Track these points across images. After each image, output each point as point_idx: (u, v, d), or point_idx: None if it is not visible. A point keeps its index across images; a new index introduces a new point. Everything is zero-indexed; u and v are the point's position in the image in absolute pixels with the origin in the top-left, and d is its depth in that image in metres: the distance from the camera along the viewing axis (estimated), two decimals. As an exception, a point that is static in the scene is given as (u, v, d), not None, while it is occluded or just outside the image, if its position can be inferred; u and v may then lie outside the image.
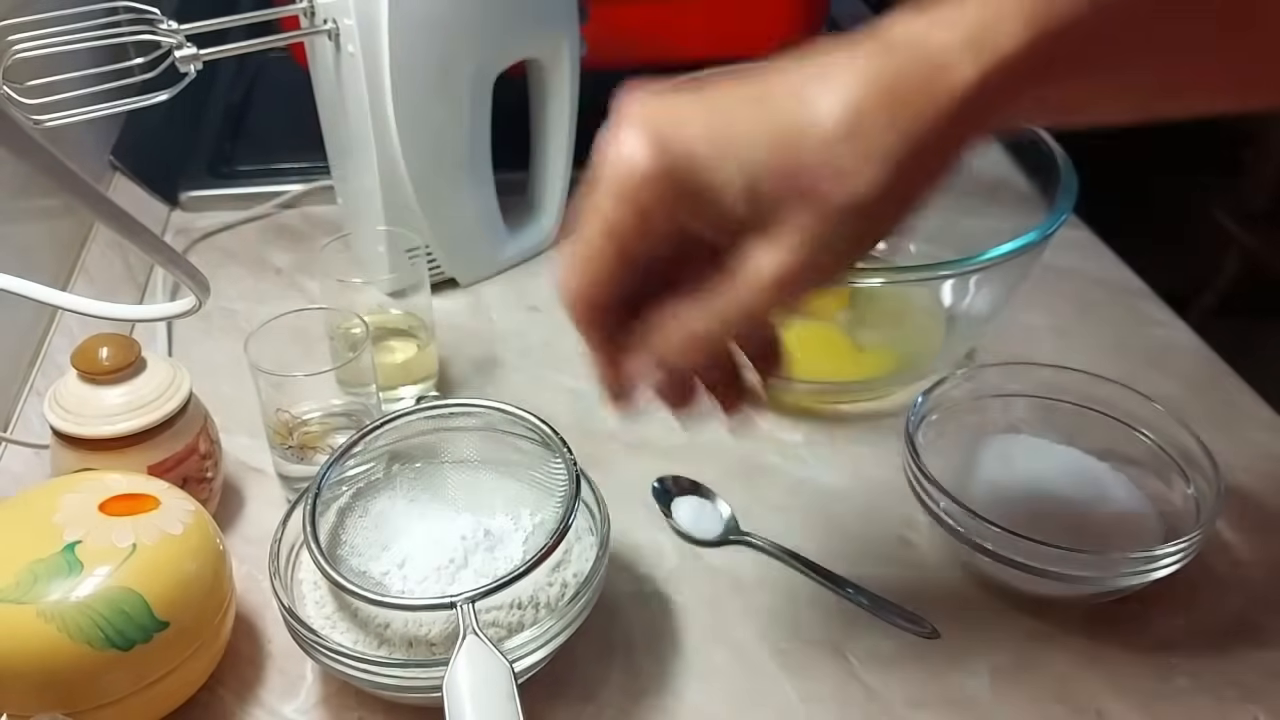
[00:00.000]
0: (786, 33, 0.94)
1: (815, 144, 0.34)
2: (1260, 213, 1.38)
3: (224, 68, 1.07)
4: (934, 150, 0.34)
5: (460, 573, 0.51)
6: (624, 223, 0.37)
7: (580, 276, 0.39)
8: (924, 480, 0.56)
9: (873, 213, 0.34)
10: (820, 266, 0.36)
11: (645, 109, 0.37)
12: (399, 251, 0.70)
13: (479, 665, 0.43)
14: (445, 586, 0.50)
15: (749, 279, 0.36)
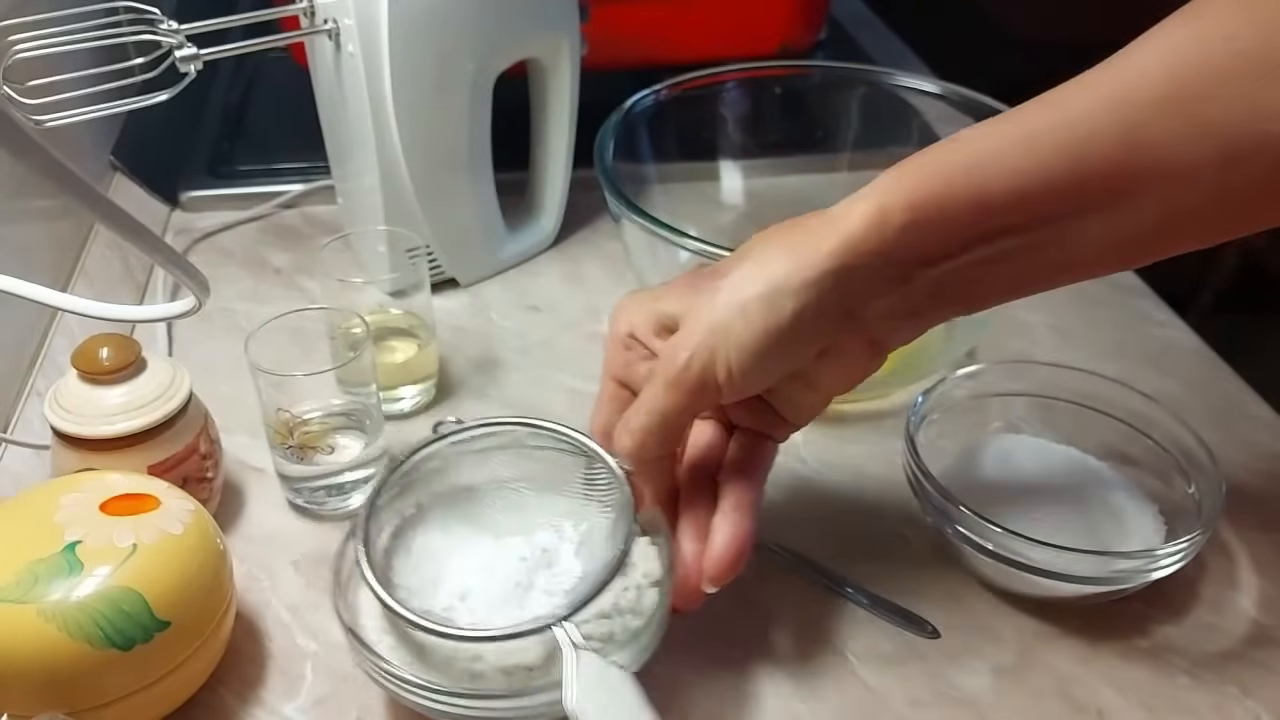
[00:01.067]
0: (786, 33, 0.95)
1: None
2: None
3: (224, 68, 1.07)
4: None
5: (529, 595, 0.49)
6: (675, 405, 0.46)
7: (644, 434, 0.47)
8: (924, 479, 0.56)
9: (810, 378, 0.48)
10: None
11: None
12: (399, 251, 0.70)
13: (601, 679, 0.43)
14: (519, 610, 0.48)
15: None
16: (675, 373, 0.44)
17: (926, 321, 0.46)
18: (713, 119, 0.81)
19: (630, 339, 0.47)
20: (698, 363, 0.43)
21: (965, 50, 1.24)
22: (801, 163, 0.86)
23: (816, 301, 0.42)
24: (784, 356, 0.44)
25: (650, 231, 0.63)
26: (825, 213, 0.44)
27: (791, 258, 0.43)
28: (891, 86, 0.78)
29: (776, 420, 0.49)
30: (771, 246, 0.44)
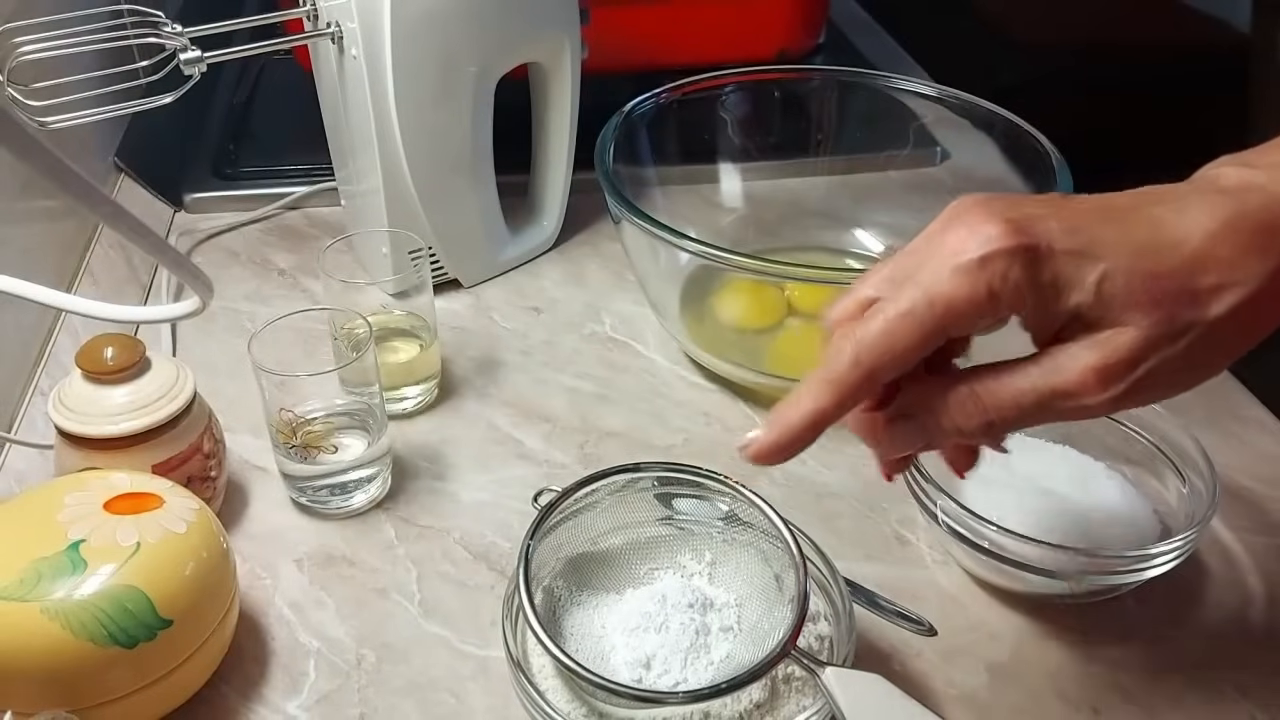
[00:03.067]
0: (786, 37, 0.95)
1: (1177, 262, 0.36)
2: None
3: (228, 70, 1.07)
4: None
5: (709, 639, 0.48)
6: (959, 295, 0.37)
7: (888, 337, 0.38)
8: (921, 479, 0.56)
9: (1217, 336, 0.37)
10: (1140, 376, 0.37)
11: (992, 204, 0.38)
12: (402, 253, 0.71)
13: (856, 687, 0.42)
14: (709, 655, 0.48)
15: (1067, 369, 0.38)
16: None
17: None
18: (712, 122, 0.82)
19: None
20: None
21: (963, 54, 1.24)
22: (800, 165, 0.86)
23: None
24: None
25: (650, 233, 0.64)
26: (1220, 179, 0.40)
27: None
28: (889, 90, 0.79)
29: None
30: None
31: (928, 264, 0.38)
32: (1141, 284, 0.36)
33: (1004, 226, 0.37)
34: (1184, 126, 1.60)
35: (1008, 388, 0.39)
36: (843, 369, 0.39)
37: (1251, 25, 1.37)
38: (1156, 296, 0.36)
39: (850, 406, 0.40)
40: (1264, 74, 1.34)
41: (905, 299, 0.38)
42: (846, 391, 0.39)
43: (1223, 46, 1.56)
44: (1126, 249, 0.37)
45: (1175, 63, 1.64)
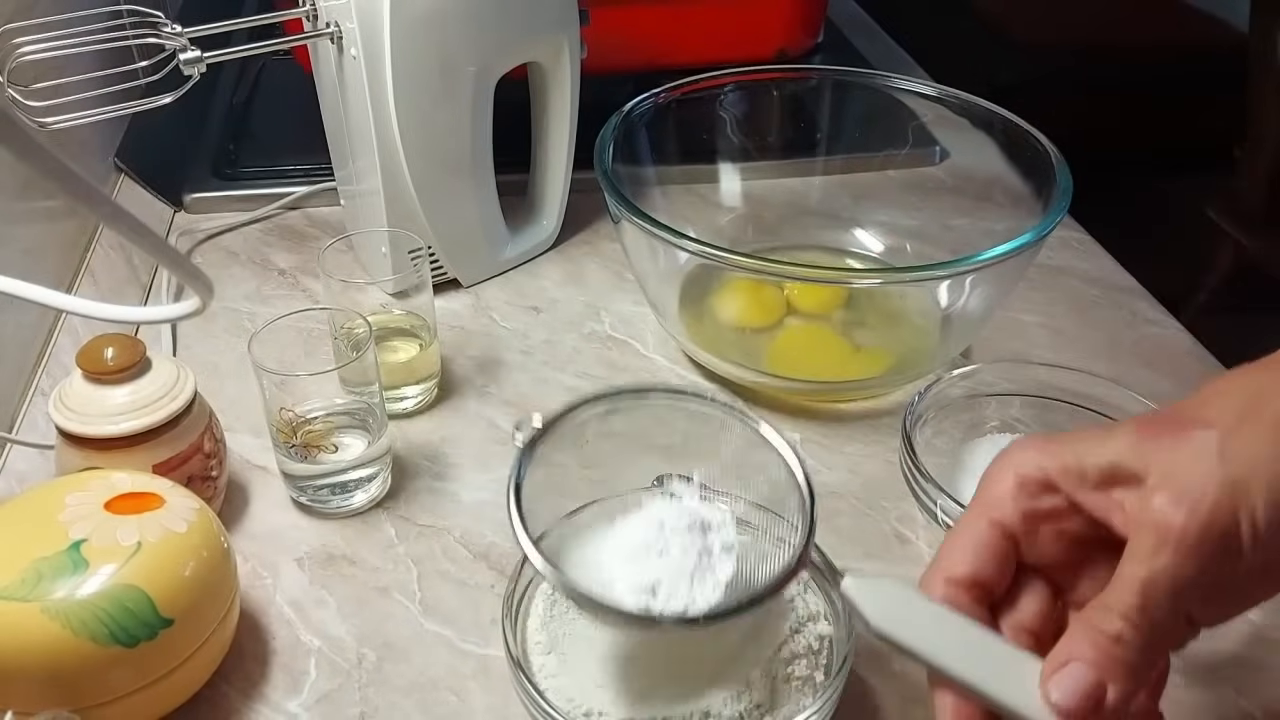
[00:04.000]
0: (785, 37, 0.95)
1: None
2: (1254, 211, 1.38)
3: (227, 70, 1.07)
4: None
5: (712, 560, 0.46)
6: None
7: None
8: (920, 478, 0.56)
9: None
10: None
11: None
12: (401, 252, 0.71)
13: (877, 593, 0.40)
14: (715, 578, 0.45)
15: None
16: (1180, 527, 0.35)
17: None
18: (711, 122, 0.82)
19: (1042, 486, 0.39)
20: (1216, 517, 0.35)
21: (963, 54, 1.24)
22: (799, 165, 0.86)
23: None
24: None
25: (650, 233, 0.64)
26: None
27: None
28: (889, 90, 0.79)
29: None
30: (1256, 383, 0.39)
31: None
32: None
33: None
34: (1184, 126, 1.60)
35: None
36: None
37: (1251, 25, 1.37)
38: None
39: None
40: (1264, 74, 1.34)
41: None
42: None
43: (1223, 46, 1.57)
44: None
45: (1175, 63, 1.64)
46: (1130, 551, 0.36)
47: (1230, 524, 0.35)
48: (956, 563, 0.39)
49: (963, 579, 0.39)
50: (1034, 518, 0.39)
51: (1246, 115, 1.37)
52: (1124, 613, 0.36)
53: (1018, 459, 0.40)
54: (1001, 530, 0.39)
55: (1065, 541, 0.40)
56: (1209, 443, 0.36)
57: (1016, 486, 0.39)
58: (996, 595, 0.40)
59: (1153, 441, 0.37)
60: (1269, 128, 1.35)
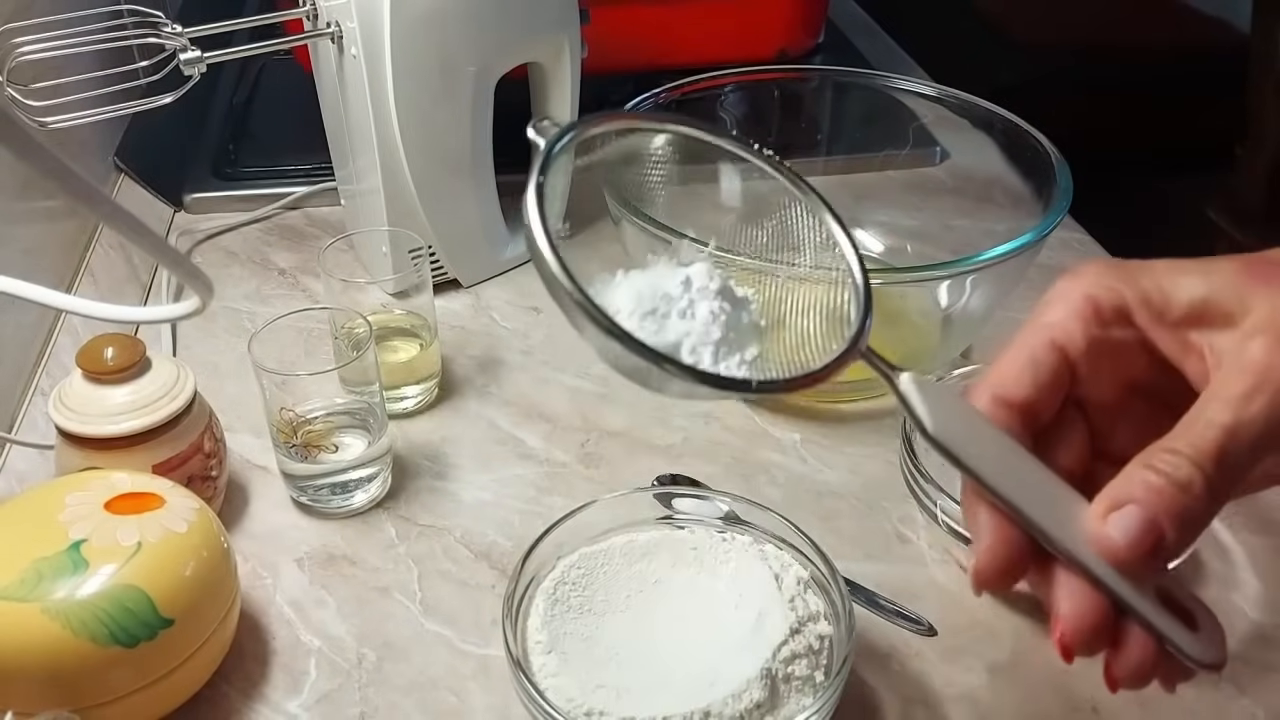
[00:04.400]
0: (785, 38, 0.95)
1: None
2: (1254, 211, 1.38)
3: (228, 70, 1.07)
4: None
5: (739, 335, 0.40)
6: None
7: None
8: (921, 479, 0.56)
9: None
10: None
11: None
12: (402, 252, 0.71)
13: (935, 396, 0.36)
14: (742, 355, 0.40)
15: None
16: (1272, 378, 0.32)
17: None
18: (712, 122, 0.82)
19: (1115, 313, 0.36)
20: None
21: (963, 54, 1.24)
22: (800, 166, 0.85)
23: None
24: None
25: (649, 233, 0.64)
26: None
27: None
28: (889, 90, 0.79)
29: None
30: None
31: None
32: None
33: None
34: (1184, 126, 1.60)
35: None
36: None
37: (1251, 25, 1.37)
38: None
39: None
40: (1264, 74, 1.34)
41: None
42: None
43: (1223, 47, 1.57)
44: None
45: (1175, 63, 1.64)
46: (1215, 394, 0.33)
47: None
48: (1010, 382, 0.36)
49: (1014, 400, 0.36)
50: (1099, 348, 0.36)
51: (1247, 115, 1.37)
52: (1197, 459, 0.33)
53: (1093, 280, 0.36)
54: (1063, 355, 0.36)
55: (1121, 382, 0.37)
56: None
57: (1088, 309, 0.36)
58: (1042, 423, 0.36)
59: (1254, 282, 0.34)
60: (1269, 128, 1.35)
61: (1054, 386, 0.36)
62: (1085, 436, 0.37)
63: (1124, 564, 0.33)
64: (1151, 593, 0.34)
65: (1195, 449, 0.33)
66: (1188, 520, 0.33)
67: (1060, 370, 0.36)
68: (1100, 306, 0.36)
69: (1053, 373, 0.36)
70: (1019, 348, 0.36)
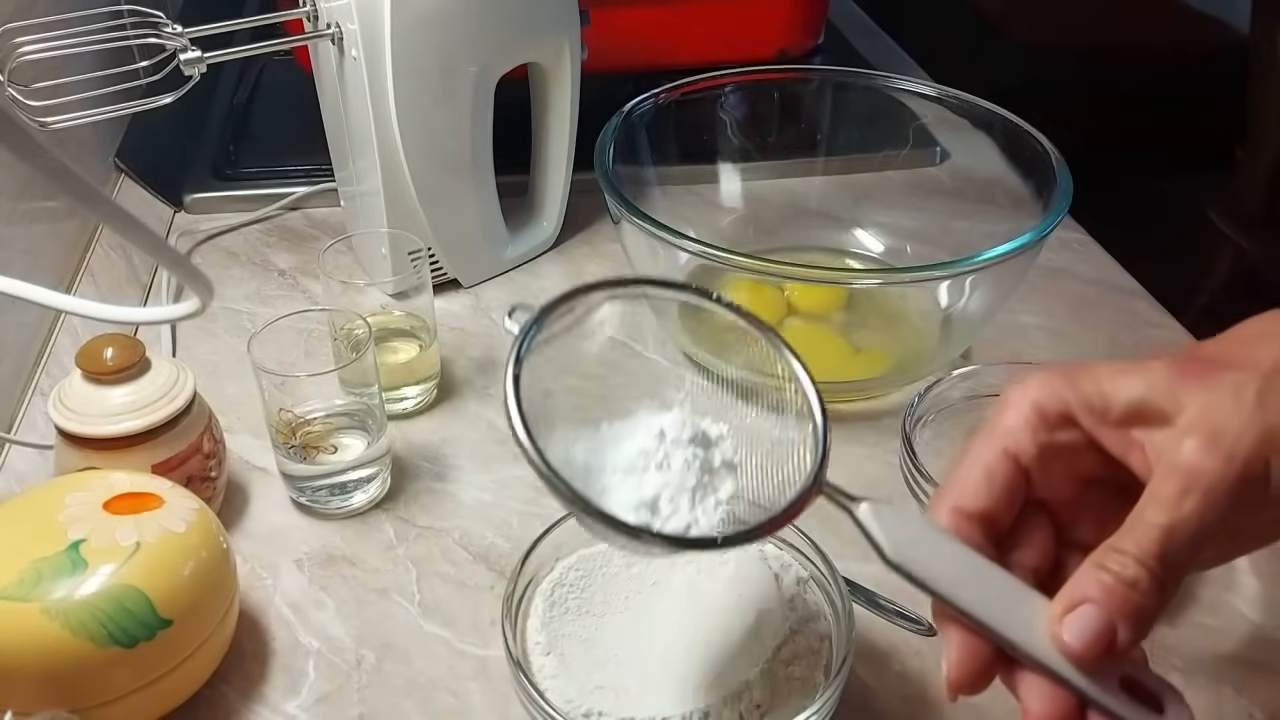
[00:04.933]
0: (785, 38, 0.95)
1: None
2: (1254, 213, 1.38)
3: (228, 71, 1.07)
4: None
5: (713, 477, 0.43)
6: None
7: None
8: (920, 479, 0.56)
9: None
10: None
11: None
12: (401, 253, 0.71)
13: (892, 521, 0.39)
14: (716, 496, 0.42)
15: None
16: (1213, 475, 0.34)
17: None
18: (712, 123, 0.82)
19: (1061, 418, 0.37)
20: (1250, 467, 0.34)
21: (963, 54, 1.24)
22: (799, 166, 0.86)
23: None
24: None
25: (650, 233, 0.64)
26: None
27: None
28: (889, 90, 0.79)
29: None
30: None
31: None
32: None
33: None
34: (1185, 128, 1.60)
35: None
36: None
37: (1251, 26, 1.37)
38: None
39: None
40: (1264, 75, 1.34)
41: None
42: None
43: (1223, 48, 1.57)
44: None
45: (1175, 64, 1.64)
46: (1152, 495, 0.35)
47: (1262, 473, 0.34)
48: (968, 494, 0.37)
49: (972, 511, 0.37)
50: (1049, 452, 0.37)
51: (1247, 117, 1.37)
52: (1141, 558, 0.34)
53: (1037, 388, 0.38)
54: (1015, 463, 0.37)
55: (1075, 479, 0.38)
56: (1247, 387, 0.35)
57: (1035, 417, 0.37)
58: (1003, 529, 0.38)
59: (1187, 381, 0.36)
60: (1269, 129, 1.34)
61: (1010, 493, 0.38)
62: (1049, 532, 0.39)
63: (1082, 662, 0.35)
64: (1115, 683, 0.36)
65: (1139, 548, 0.34)
66: (1139, 616, 0.34)
67: (1014, 477, 0.38)
68: (1046, 413, 0.37)
69: (1007, 481, 0.37)
70: (973, 460, 0.38)
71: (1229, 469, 0.34)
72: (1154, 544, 0.34)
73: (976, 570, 0.37)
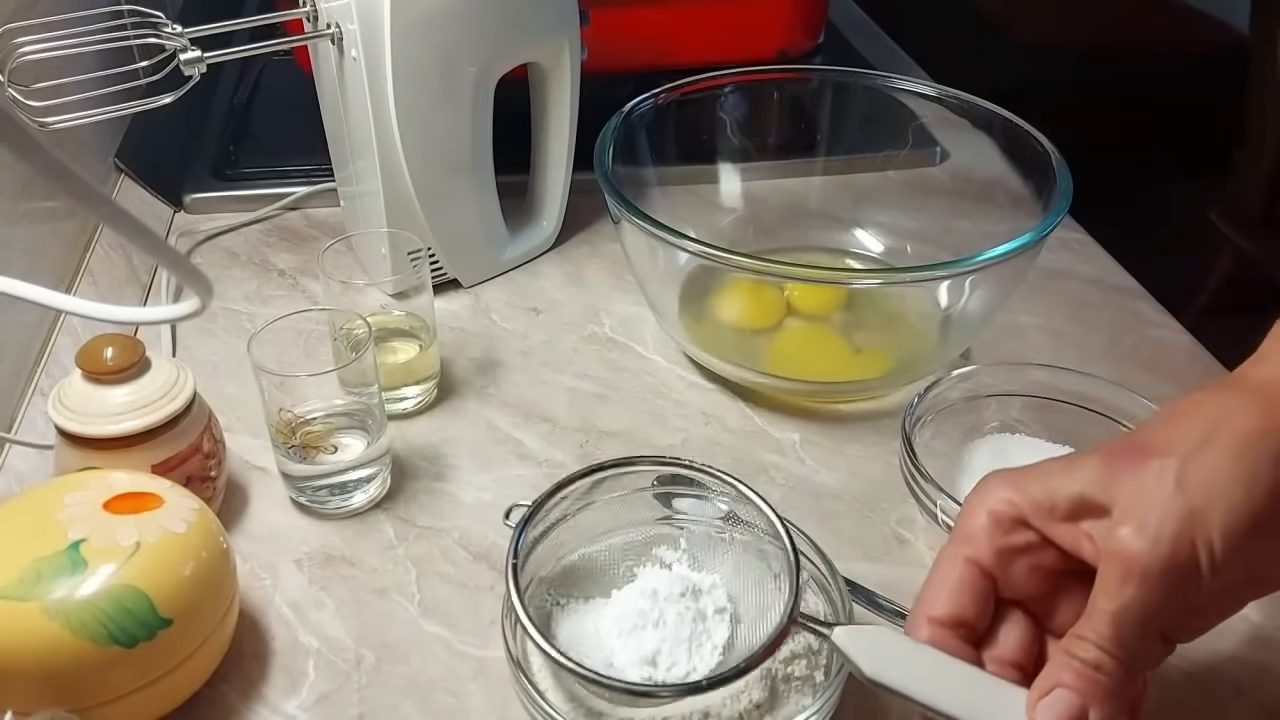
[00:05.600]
0: (785, 38, 0.95)
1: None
2: (1254, 213, 1.38)
3: (228, 71, 1.07)
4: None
5: (707, 625, 0.48)
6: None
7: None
8: (920, 479, 0.56)
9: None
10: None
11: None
12: (401, 253, 0.71)
13: (868, 641, 0.41)
14: (711, 642, 0.48)
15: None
16: (1144, 559, 0.36)
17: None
18: (712, 123, 0.82)
19: (1014, 522, 0.40)
20: (1176, 549, 0.36)
21: (963, 54, 1.24)
22: (799, 166, 0.86)
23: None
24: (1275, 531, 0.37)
25: (650, 234, 0.64)
26: (1249, 377, 0.41)
27: (1259, 412, 0.38)
28: (889, 90, 0.79)
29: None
30: (1217, 407, 0.39)
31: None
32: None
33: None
34: (1185, 128, 1.60)
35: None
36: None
37: (1251, 26, 1.37)
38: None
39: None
40: (1263, 76, 1.34)
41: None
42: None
43: (1223, 48, 1.57)
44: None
45: (1176, 64, 1.64)
46: (1099, 584, 0.38)
47: (1190, 553, 0.36)
48: (938, 603, 0.40)
49: (945, 619, 0.40)
50: (1008, 553, 0.40)
51: (1246, 118, 1.37)
52: (1099, 643, 0.37)
53: (989, 496, 0.41)
54: (978, 568, 0.40)
55: (1041, 574, 0.41)
56: (1167, 472, 0.37)
57: (990, 523, 0.40)
58: (979, 630, 0.41)
59: (1115, 471, 0.39)
60: (1269, 130, 1.34)
61: (977, 597, 0.40)
62: (1025, 625, 0.41)
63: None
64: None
65: (1097, 634, 0.37)
66: (1106, 696, 0.37)
67: (979, 582, 0.40)
68: (999, 518, 0.40)
69: (973, 587, 0.40)
70: (940, 572, 0.41)
71: (1156, 551, 0.36)
72: (1108, 628, 0.37)
73: (953, 674, 0.39)
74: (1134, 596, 0.36)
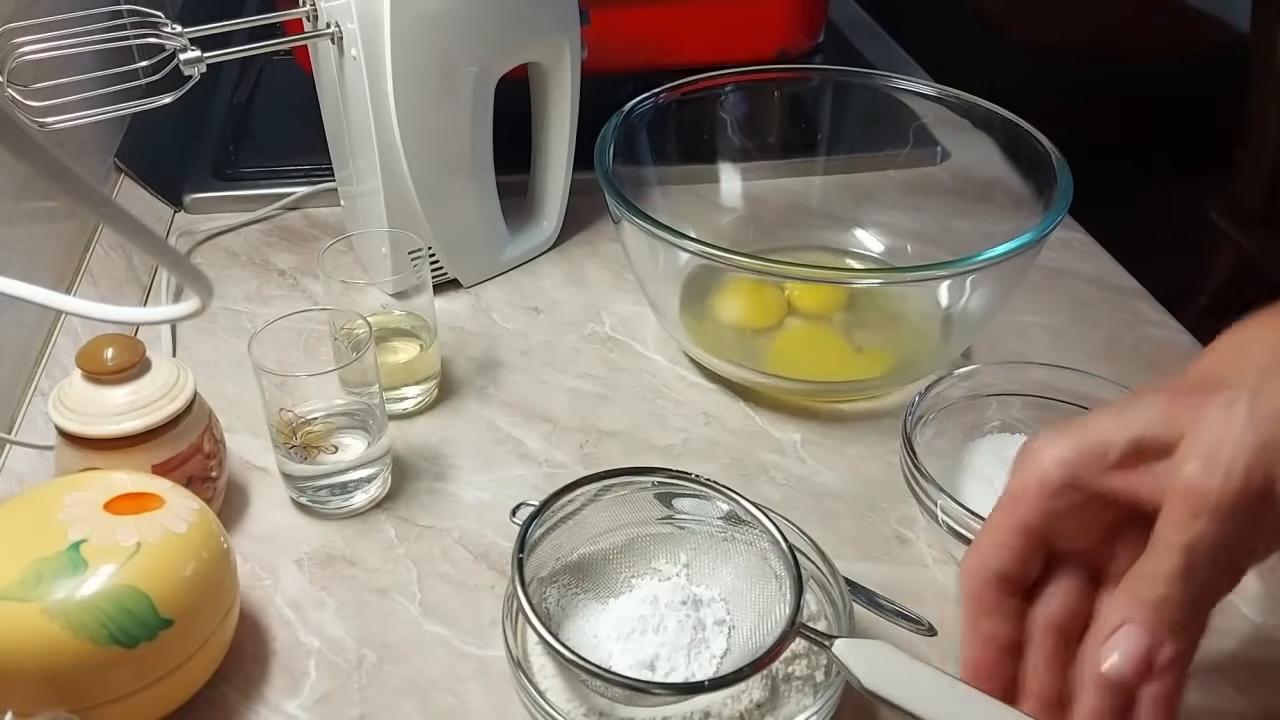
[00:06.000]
0: (785, 37, 0.95)
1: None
2: (1254, 213, 1.38)
3: (228, 70, 1.07)
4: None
5: (706, 634, 0.49)
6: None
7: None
8: (921, 478, 0.56)
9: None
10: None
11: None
12: (401, 253, 0.71)
13: (867, 654, 0.42)
14: (710, 651, 0.48)
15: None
16: (1215, 494, 0.35)
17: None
18: (712, 122, 0.82)
19: (1065, 485, 0.39)
20: (1250, 483, 0.35)
21: (963, 54, 1.24)
22: (800, 166, 0.86)
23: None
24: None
25: (650, 233, 0.64)
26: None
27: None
28: (889, 90, 0.79)
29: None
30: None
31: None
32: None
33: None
34: (1185, 127, 1.60)
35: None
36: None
37: (1251, 26, 1.37)
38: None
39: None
40: (1264, 76, 1.34)
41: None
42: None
43: (1223, 47, 1.57)
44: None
45: (1175, 64, 1.64)
46: (1165, 519, 0.37)
47: (1265, 485, 0.35)
48: (985, 561, 0.40)
49: (990, 578, 0.40)
50: (1059, 515, 0.39)
51: (1246, 118, 1.37)
52: (1167, 578, 0.36)
53: (1040, 457, 0.40)
54: (1026, 530, 0.40)
55: (1094, 528, 0.40)
56: (1237, 405, 0.36)
57: (1039, 486, 0.39)
58: (1026, 585, 0.40)
59: (1179, 409, 0.37)
60: (1269, 129, 1.34)
61: (1023, 556, 0.40)
62: (1076, 580, 0.41)
63: (1131, 681, 0.37)
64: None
65: (1162, 570, 0.36)
66: (1176, 629, 0.37)
67: (1027, 541, 0.40)
68: (1048, 481, 0.39)
69: (1020, 546, 0.40)
70: (991, 526, 0.40)
71: (1228, 485, 0.35)
72: (1179, 560, 0.36)
73: (945, 689, 0.40)
74: (1205, 530, 0.36)
